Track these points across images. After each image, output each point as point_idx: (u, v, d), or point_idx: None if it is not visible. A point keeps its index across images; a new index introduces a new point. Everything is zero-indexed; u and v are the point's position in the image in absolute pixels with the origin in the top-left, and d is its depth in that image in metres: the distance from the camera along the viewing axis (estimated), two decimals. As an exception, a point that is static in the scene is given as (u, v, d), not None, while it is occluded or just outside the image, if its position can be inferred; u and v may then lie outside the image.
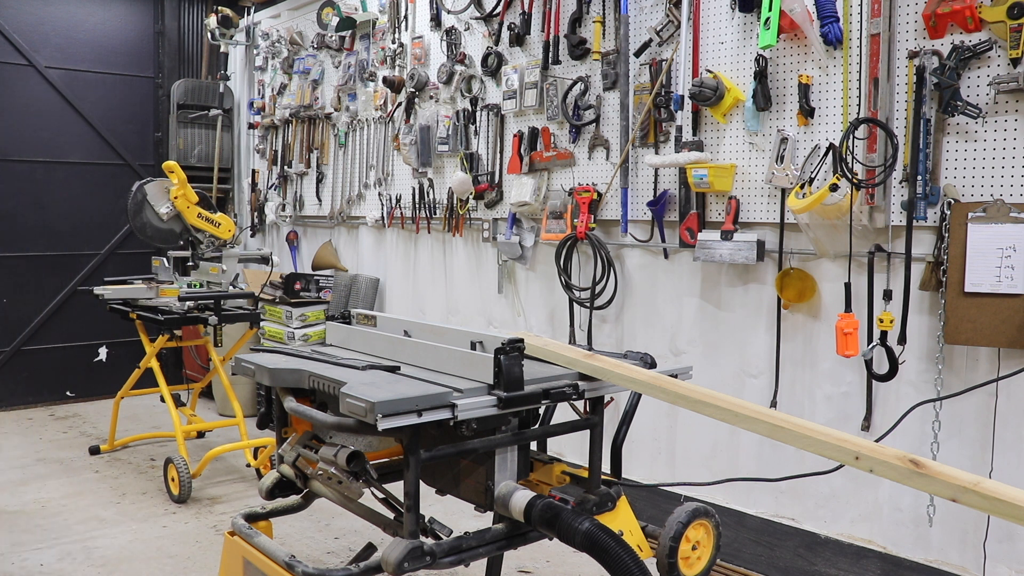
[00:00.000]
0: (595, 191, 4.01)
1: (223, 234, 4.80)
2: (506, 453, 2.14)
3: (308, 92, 6.11)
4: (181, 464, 4.32)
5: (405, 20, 5.22)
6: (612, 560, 1.86)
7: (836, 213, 3.05)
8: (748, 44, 3.43)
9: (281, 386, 2.20)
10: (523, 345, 2.01)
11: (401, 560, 1.88)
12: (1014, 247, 2.68)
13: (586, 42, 4.05)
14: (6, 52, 6.22)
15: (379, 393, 1.84)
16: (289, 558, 2.08)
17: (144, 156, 6.94)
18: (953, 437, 2.95)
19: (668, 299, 3.86)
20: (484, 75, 4.65)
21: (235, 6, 6.92)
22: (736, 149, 3.50)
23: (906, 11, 2.95)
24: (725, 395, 1.88)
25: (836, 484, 3.24)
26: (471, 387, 1.97)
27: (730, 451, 3.63)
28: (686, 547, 2.22)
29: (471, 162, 4.74)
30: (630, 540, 2.15)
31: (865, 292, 3.04)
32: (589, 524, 1.91)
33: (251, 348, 2.67)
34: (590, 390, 2.18)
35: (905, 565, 3.07)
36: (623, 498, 2.29)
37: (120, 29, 6.77)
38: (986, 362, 2.86)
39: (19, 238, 6.39)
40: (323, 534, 3.90)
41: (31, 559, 3.65)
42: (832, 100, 3.18)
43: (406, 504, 1.94)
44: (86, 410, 6.41)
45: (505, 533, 2.14)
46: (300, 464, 2.27)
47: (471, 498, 2.21)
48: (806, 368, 3.36)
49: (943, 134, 2.89)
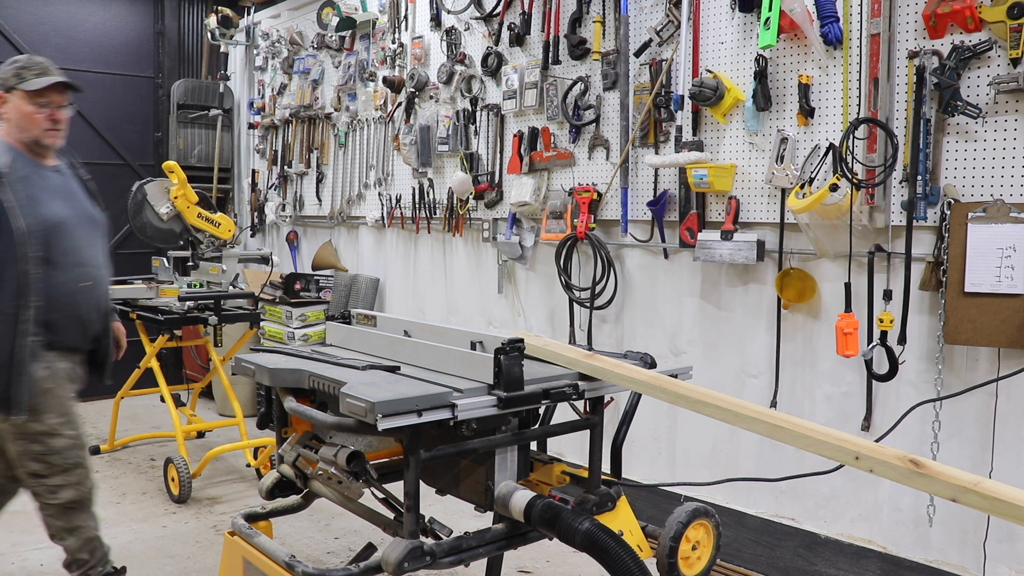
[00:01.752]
0: (595, 191, 4.01)
1: (223, 234, 4.80)
2: (506, 453, 2.14)
3: (308, 92, 6.11)
4: (181, 464, 4.32)
5: (405, 20, 5.22)
6: (612, 560, 1.86)
7: (836, 213, 3.05)
8: (748, 44, 3.43)
9: (281, 386, 2.20)
10: (523, 345, 2.01)
11: (401, 560, 1.88)
12: (1014, 247, 2.68)
13: (586, 42, 4.05)
14: (6, 52, 6.21)
15: (379, 393, 1.84)
16: (289, 558, 2.08)
17: (144, 156, 6.94)
18: (953, 437, 2.95)
19: (668, 299, 3.86)
20: (484, 75, 4.65)
21: (235, 6, 6.92)
22: (736, 149, 3.50)
23: (906, 11, 2.95)
24: (725, 395, 1.88)
25: (836, 484, 3.24)
26: (471, 387, 1.97)
27: (730, 451, 3.63)
28: (686, 547, 2.22)
29: (471, 162, 4.74)
30: (630, 540, 2.15)
31: (865, 292, 3.04)
32: (589, 524, 1.91)
33: (251, 348, 2.67)
34: (590, 390, 2.18)
35: (905, 565, 3.07)
36: (623, 498, 2.29)
37: (120, 29, 6.77)
38: (986, 362, 2.86)
39: (19, 238, 6.38)
40: (323, 534, 3.90)
41: (31, 559, 3.65)
42: (832, 100, 3.18)
43: (406, 504, 1.94)
44: (86, 410, 6.38)
45: (505, 533, 2.14)
46: (300, 464, 2.27)
47: (471, 498, 2.21)
48: (806, 368, 3.36)
49: (943, 134, 2.89)
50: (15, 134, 2.83)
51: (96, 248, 2.96)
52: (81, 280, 2.85)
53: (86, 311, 2.90)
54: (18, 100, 2.79)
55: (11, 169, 2.73)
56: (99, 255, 2.97)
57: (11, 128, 2.83)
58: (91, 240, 2.93)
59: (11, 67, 2.82)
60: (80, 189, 3.01)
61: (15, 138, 2.83)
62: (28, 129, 2.81)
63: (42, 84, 2.78)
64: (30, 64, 2.83)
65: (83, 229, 2.89)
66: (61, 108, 2.86)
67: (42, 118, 2.81)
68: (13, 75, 2.80)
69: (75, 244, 2.84)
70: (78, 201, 2.94)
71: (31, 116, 2.80)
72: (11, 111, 2.81)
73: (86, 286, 2.87)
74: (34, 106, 2.79)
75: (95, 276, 2.92)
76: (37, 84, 2.78)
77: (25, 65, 2.82)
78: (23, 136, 2.82)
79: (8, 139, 2.83)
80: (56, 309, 2.78)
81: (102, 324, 3.03)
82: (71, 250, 2.82)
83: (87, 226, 2.92)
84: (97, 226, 3.00)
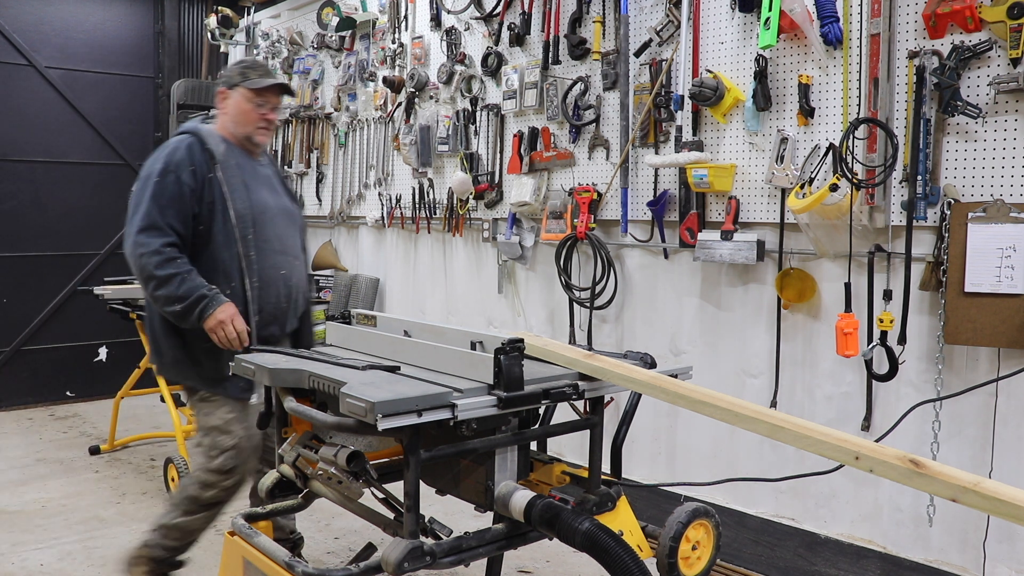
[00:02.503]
0: (595, 191, 4.01)
1: (223, 234, 4.79)
2: (506, 453, 2.14)
3: (308, 92, 6.11)
4: (181, 464, 4.31)
5: (405, 20, 5.22)
6: (612, 560, 1.85)
7: (836, 213, 3.05)
8: (748, 44, 3.43)
9: (281, 386, 2.20)
10: (523, 345, 2.00)
11: (401, 560, 1.87)
12: (1014, 247, 2.68)
13: (586, 42, 4.05)
14: (6, 52, 6.22)
15: (379, 393, 1.84)
16: (289, 558, 2.08)
17: (144, 156, 6.82)
18: (953, 437, 2.95)
19: (668, 299, 3.86)
20: (484, 75, 4.65)
21: (235, 6, 6.91)
22: (736, 149, 3.50)
23: (906, 11, 2.95)
24: (725, 395, 1.88)
25: (836, 484, 3.24)
26: (471, 387, 1.97)
27: (730, 451, 3.63)
28: (686, 547, 2.21)
29: (471, 162, 4.74)
30: (630, 540, 2.15)
31: (865, 292, 3.04)
32: (589, 524, 1.91)
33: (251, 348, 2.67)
34: (590, 390, 2.18)
35: (905, 565, 3.07)
36: (623, 498, 2.29)
37: (120, 29, 6.77)
38: (986, 362, 2.86)
39: (19, 238, 6.39)
40: (323, 534, 3.90)
41: (31, 559, 3.65)
42: (832, 100, 3.17)
43: (406, 504, 1.94)
44: (86, 410, 6.41)
45: (505, 533, 2.13)
46: (300, 464, 2.27)
47: (471, 498, 2.21)
48: (806, 368, 3.36)
49: (943, 134, 2.89)
50: (230, 127, 2.99)
51: (294, 239, 3.11)
52: (281, 267, 3.00)
53: (284, 298, 3.02)
54: (239, 97, 2.96)
55: (226, 156, 2.91)
56: (296, 245, 3.12)
57: (226, 122, 3.00)
58: (290, 231, 3.09)
59: (237, 67, 3.02)
60: (280, 184, 3.16)
61: (229, 131, 2.99)
62: (243, 124, 2.98)
63: (264, 84, 2.97)
64: (255, 65, 3.03)
65: (283, 219, 3.05)
66: (275, 109, 3.03)
67: (258, 116, 2.98)
68: (239, 74, 2.98)
69: (277, 232, 2.99)
70: (279, 194, 3.10)
71: (248, 113, 2.97)
72: (230, 106, 2.98)
73: (284, 274, 3.01)
74: (252, 104, 2.96)
75: (292, 265, 3.06)
76: (260, 84, 2.96)
77: (250, 66, 3.02)
78: (237, 131, 2.99)
79: (222, 132, 2.99)
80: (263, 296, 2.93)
81: (296, 313, 3.13)
82: (273, 237, 2.97)
83: (286, 217, 3.08)
84: (294, 220, 3.15)
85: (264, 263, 2.93)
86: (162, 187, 2.80)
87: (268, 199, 3.00)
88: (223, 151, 2.91)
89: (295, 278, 3.07)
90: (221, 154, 2.89)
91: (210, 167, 2.86)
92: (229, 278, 2.86)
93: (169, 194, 2.79)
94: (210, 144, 2.89)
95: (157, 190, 2.80)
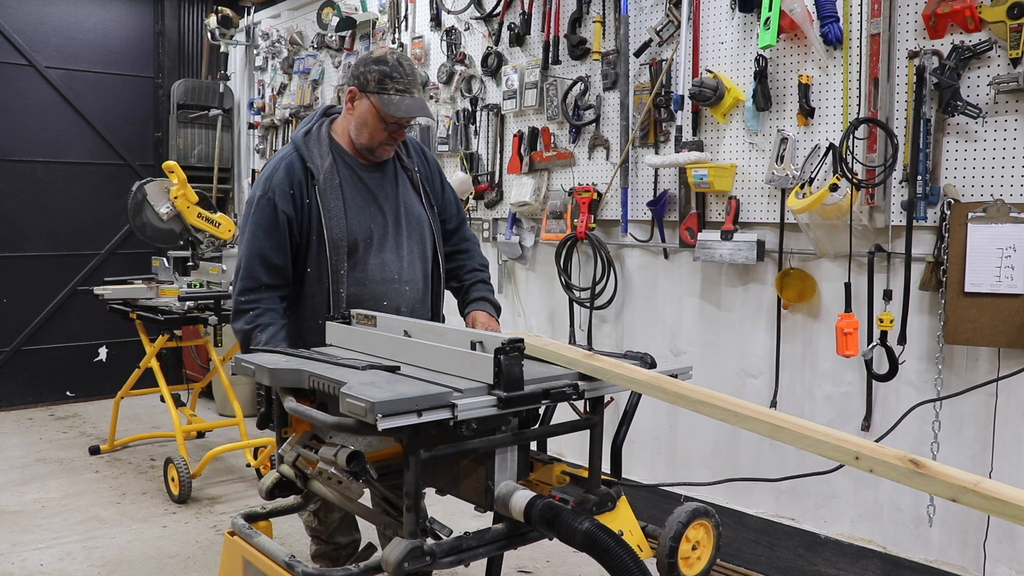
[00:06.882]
0: (595, 191, 4.01)
1: (223, 234, 4.80)
2: (506, 453, 2.14)
3: (308, 92, 6.11)
4: (181, 464, 4.32)
5: (405, 20, 5.22)
6: (612, 560, 1.85)
7: (836, 213, 3.05)
8: (748, 44, 3.43)
9: (281, 386, 2.20)
10: (523, 345, 2.00)
11: (401, 560, 1.87)
12: (1014, 247, 2.68)
13: (586, 42, 4.05)
14: (6, 52, 6.22)
15: (379, 393, 1.84)
16: (289, 558, 2.08)
17: (144, 156, 6.94)
18: (953, 437, 2.95)
19: (668, 299, 3.86)
20: (484, 75, 4.65)
21: (235, 6, 6.92)
22: (736, 149, 3.50)
23: (906, 11, 2.95)
24: (725, 395, 1.88)
25: (836, 484, 3.24)
26: (471, 387, 1.96)
27: (730, 451, 3.63)
28: (686, 547, 2.21)
29: (471, 162, 4.74)
30: (630, 540, 2.15)
31: (865, 292, 3.04)
32: (589, 524, 1.91)
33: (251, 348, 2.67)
34: (590, 390, 2.17)
35: (905, 565, 3.07)
36: (623, 498, 2.29)
37: (120, 29, 6.77)
38: (986, 362, 2.86)
39: (19, 238, 6.39)
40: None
41: (31, 559, 3.65)
42: (832, 100, 3.17)
43: (406, 504, 1.94)
44: (86, 410, 6.41)
45: (505, 533, 2.13)
46: (300, 464, 2.26)
47: (471, 498, 2.21)
48: (806, 368, 3.36)
49: (943, 134, 2.89)
50: (352, 132, 2.64)
51: (402, 261, 2.71)
52: (382, 299, 2.65)
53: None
54: (370, 108, 2.57)
55: (330, 175, 2.59)
56: (405, 267, 2.71)
57: (348, 125, 2.64)
58: (406, 249, 2.72)
59: (376, 68, 2.55)
60: (400, 184, 2.77)
61: (348, 136, 2.65)
62: (367, 138, 2.62)
63: (401, 115, 2.55)
64: (395, 74, 2.55)
65: (397, 237, 2.70)
66: (405, 127, 2.66)
67: (386, 136, 2.61)
68: (376, 80, 2.55)
69: (382, 258, 2.66)
70: (393, 204, 2.72)
71: (377, 131, 2.60)
72: (357, 113, 2.60)
73: (385, 305, 2.65)
74: (383, 124, 2.58)
75: (398, 292, 2.69)
76: (396, 112, 2.54)
77: (390, 74, 2.55)
78: (358, 140, 2.63)
79: (339, 134, 2.67)
80: None
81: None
82: (375, 266, 2.65)
83: (397, 235, 2.70)
84: (413, 230, 2.74)
85: (359, 296, 2.62)
86: (260, 214, 2.55)
87: (376, 218, 2.65)
88: (327, 167, 2.59)
89: (404, 305, 2.70)
90: (325, 171, 2.58)
91: (309, 190, 2.56)
92: (318, 315, 2.59)
93: (267, 222, 2.54)
94: (313, 161, 2.58)
95: (258, 217, 2.56)
